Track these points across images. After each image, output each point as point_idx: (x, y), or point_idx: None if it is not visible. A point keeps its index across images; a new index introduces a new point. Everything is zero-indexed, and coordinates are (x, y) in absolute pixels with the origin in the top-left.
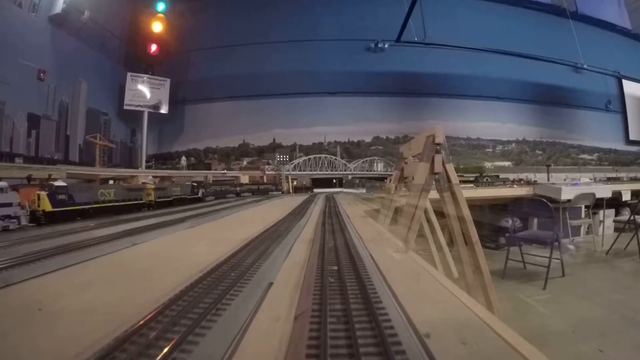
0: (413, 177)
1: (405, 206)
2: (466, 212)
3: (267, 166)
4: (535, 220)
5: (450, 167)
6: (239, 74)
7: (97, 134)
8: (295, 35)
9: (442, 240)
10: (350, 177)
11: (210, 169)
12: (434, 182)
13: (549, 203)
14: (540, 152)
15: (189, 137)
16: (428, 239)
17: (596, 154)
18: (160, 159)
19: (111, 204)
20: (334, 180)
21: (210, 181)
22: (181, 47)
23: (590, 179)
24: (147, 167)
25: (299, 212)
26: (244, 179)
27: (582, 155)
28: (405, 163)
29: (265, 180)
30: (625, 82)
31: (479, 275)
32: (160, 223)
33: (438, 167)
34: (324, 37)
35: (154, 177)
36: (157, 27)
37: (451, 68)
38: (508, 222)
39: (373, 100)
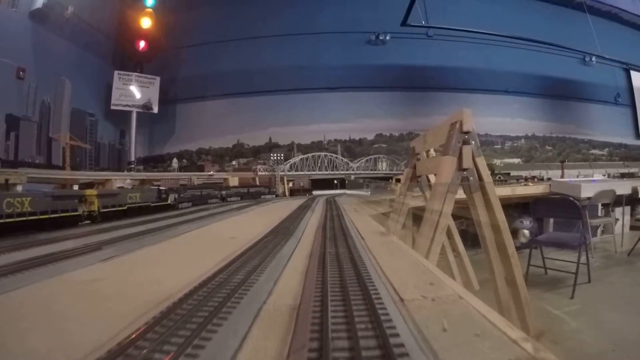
0: (427, 176)
1: (427, 212)
2: (501, 218)
3: (259, 167)
4: (551, 221)
5: (482, 162)
6: (233, 70)
7: (67, 132)
8: (291, 29)
9: (461, 247)
10: (353, 177)
11: (203, 171)
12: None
13: (576, 202)
14: (550, 147)
15: (181, 138)
16: (445, 246)
17: (607, 149)
18: (151, 162)
19: (24, 219)
20: (335, 181)
21: (195, 184)
22: (171, 44)
23: (604, 175)
24: (128, 170)
25: (288, 226)
26: (233, 181)
27: (592, 151)
28: (418, 159)
29: (257, 183)
30: (634, 74)
31: (515, 292)
32: (65, 251)
33: (467, 162)
34: (321, 30)
35: (133, 180)
36: (145, 22)
37: (457, 61)
38: (522, 223)
39: (375, 96)
